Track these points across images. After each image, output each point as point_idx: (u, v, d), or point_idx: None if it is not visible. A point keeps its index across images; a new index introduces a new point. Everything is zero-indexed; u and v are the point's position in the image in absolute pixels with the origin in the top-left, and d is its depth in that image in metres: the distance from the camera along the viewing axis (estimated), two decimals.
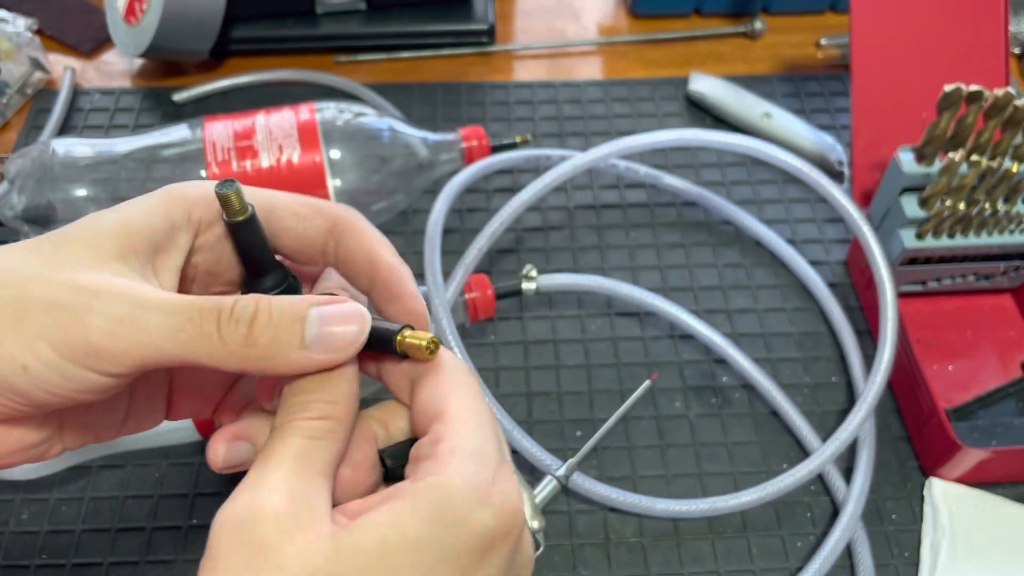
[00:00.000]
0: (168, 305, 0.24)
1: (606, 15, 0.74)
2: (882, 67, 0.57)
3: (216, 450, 0.28)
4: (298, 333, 0.25)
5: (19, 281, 0.24)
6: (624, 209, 0.61)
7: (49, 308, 0.24)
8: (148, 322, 0.24)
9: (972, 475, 0.48)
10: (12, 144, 0.63)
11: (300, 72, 0.67)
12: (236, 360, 0.25)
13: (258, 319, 0.25)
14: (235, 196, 0.27)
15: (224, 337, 0.24)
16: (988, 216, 0.50)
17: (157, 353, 0.24)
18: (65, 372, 0.24)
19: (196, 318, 0.24)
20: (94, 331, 0.23)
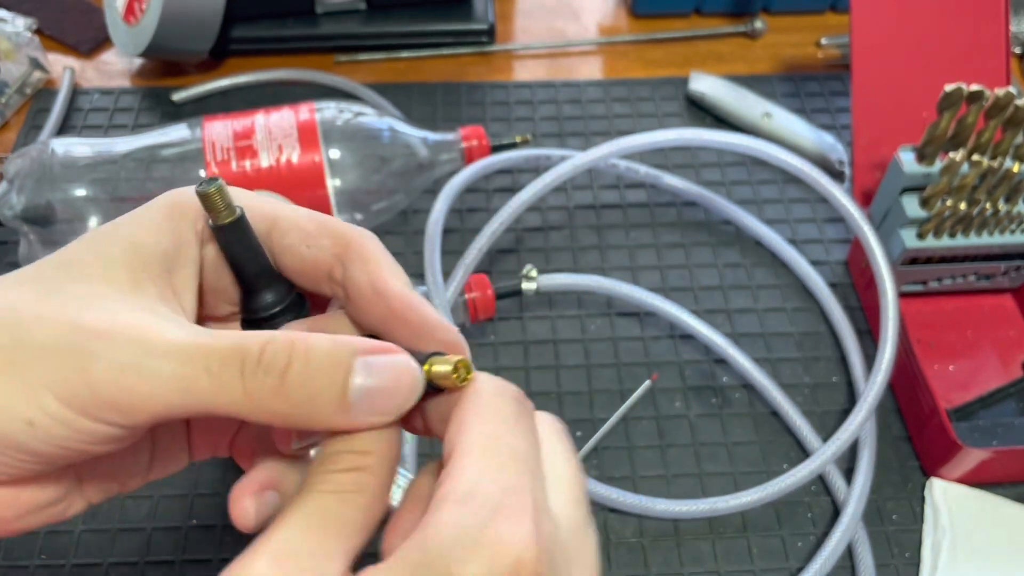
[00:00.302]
0: (181, 351, 0.21)
1: (606, 15, 0.74)
2: (882, 67, 0.56)
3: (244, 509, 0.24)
4: (339, 388, 0.22)
5: (16, 322, 0.21)
6: (624, 209, 0.61)
7: (51, 354, 0.21)
8: (159, 371, 0.21)
9: (973, 475, 0.47)
10: (11, 144, 0.63)
11: (300, 72, 0.67)
12: (263, 415, 0.22)
13: (292, 368, 0.21)
14: (217, 194, 0.24)
15: (249, 389, 0.21)
16: (989, 216, 0.50)
17: (168, 408, 0.21)
18: (75, 425, 0.21)
19: (215, 367, 0.21)
20: (99, 381, 0.21)
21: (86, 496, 0.25)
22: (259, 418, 0.22)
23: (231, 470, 0.47)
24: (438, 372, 0.23)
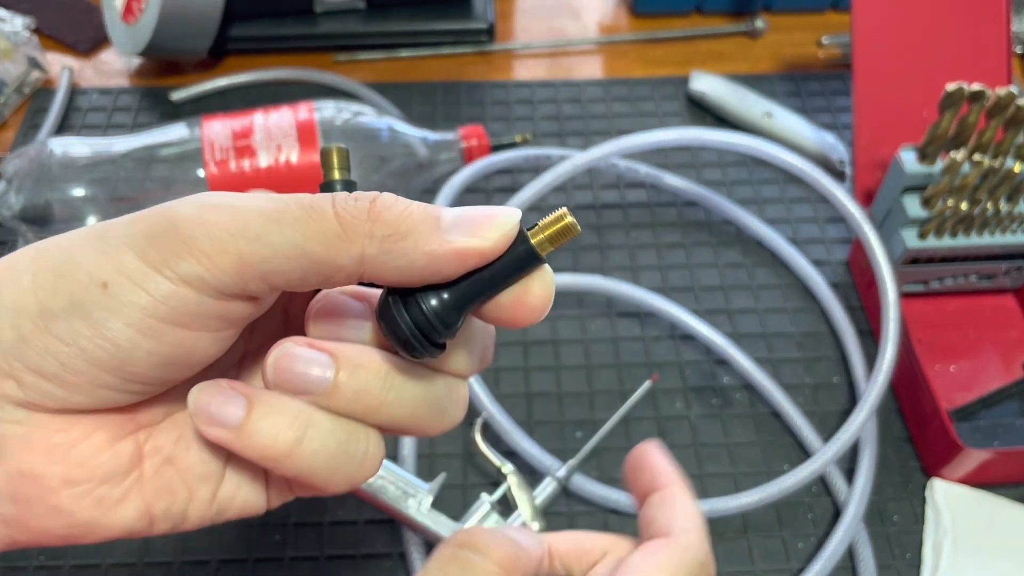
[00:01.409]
0: (271, 194, 0.21)
1: (606, 14, 0.74)
2: (884, 66, 0.56)
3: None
4: (432, 216, 0.21)
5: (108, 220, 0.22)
6: (624, 209, 0.60)
7: (135, 217, 0.21)
8: (247, 206, 0.20)
9: (974, 476, 0.47)
10: (9, 144, 0.62)
11: (299, 71, 0.66)
12: (356, 242, 0.20)
13: (382, 197, 0.21)
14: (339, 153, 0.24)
15: (342, 214, 0.20)
16: (990, 216, 0.49)
17: (257, 243, 0.20)
18: (151, 285, 0.20)
19: (306, 201, 0.21)
20: (184, 222, 0.20)
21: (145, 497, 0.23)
22: (352, 249, 0.20)
23: None
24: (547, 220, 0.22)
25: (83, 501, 0.22)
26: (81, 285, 0.20)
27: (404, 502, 0.42)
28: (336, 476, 0.23)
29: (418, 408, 0.24)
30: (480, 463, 0.49)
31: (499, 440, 0.47)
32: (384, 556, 0.45)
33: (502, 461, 0.45)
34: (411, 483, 0.43)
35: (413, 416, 0.24)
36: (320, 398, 0.22)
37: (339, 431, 0.23)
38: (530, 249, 0.22)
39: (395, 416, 0.23)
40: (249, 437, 0.22)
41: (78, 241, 0.21)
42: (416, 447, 0.48)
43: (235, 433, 0.22)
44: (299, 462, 0.22)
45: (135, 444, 0.23)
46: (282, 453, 0.22)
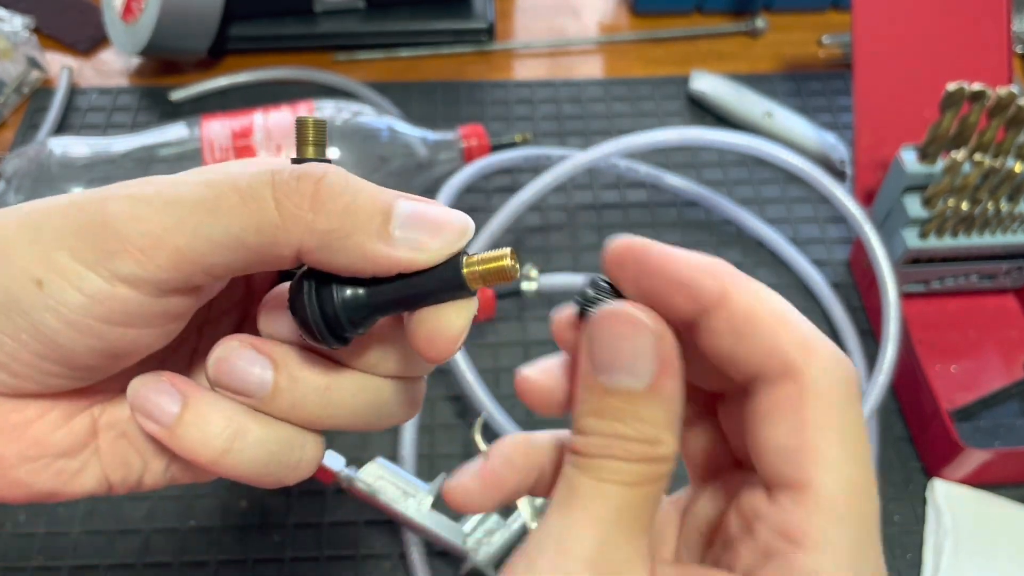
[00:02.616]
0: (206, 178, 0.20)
1: (607, 13, 0.74)
2: (884, 66, 0.56)
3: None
4: (381, 211, 0.19)
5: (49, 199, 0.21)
6: (625, 209, 0.60)
7: (69, 209, 0.20)
8: (180, 197, 0.19)
9: (975, 476, 0.47)
10: (9, 143, 0.62)
11: (298, 71, 0.66)
12: (295, 233, 0.19)
13: (328, 177, 0.19)
14: (315, 127, 0.22)
15: (282, 199, 0.19)
16: (991, 216, 0.49)
17: (194, 236, 0.19)
18: (85, 285, 0.19)
19: (243, 183, 0.19)
20: (115, 218, 0.19)
21: (103, 468, 0.23)
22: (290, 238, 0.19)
23: None
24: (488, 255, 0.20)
25: (42, 475, 0.22)
26: (17, 282, 0.20)
27: (404, 502, 0.42)
28: (267, 480, 0.23)
29: (358, 412, 0.23)
30: None
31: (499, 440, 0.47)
32: (384, 557, 0.45)
33: None
34: (411, 483, 0.43)
35: (353, 420, 0.23)
36: (257, 402, 0.22)
37: (273, 438, 0.22)
38: (459, 278, 0.20)
39: (335, 421, 0.23)
40: (180, 438, 0.21)
41: (14, 230, 0.20)
42: (416, 447, 0.47)
43: (167, 431, 0.22)
44: (228, 467, 0.22)
45: (90, 419, 0.23)
46: (211, 458, 0.21)
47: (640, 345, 0.19)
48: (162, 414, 0.22)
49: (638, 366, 0.19)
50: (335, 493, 0.47)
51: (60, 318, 0.20)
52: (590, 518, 0.19)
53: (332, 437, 0.47)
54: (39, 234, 0.20)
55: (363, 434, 0.49)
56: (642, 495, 0.20)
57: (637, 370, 0.19)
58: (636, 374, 0.19)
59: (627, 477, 0.19)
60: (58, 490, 0.22)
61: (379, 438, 0.49)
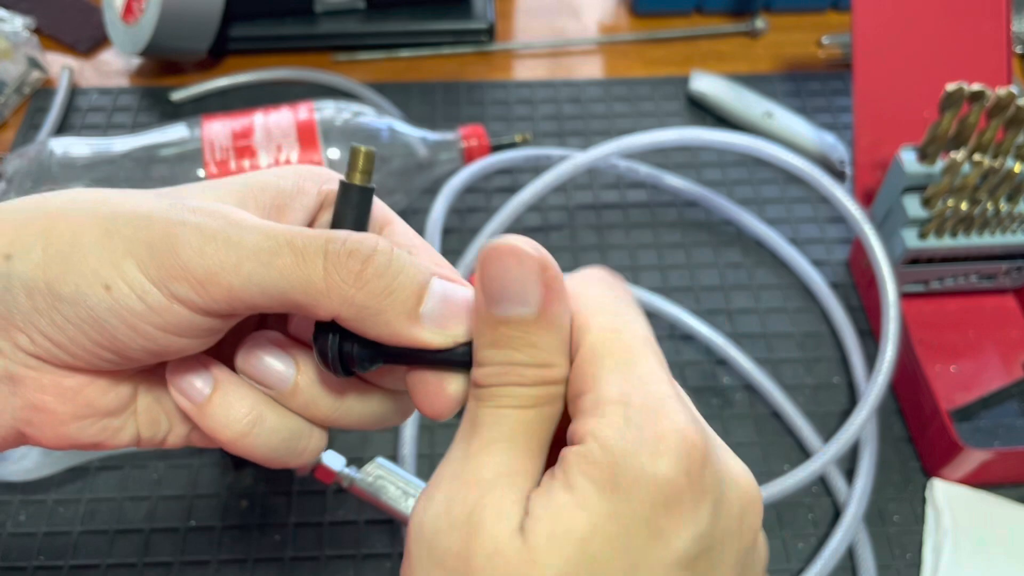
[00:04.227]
0: (269, 229, 0.21)
1: (607, 14, 0.74)
2: (884, 66, 0.56)
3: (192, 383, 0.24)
4: (415, 295, 0.22)
5: (119, 201, 0.22)
6: (624, 209, 0.60)
7: (141, 221, 0.21)
8: (242, 241, 0.21)
9: (974, 476, 0.47)
10: (9, 143, 0.62)
11: (298, 71, 0.66)
12: (336, 303, 0.21)
13: (376, 258, 0.21)
14: (366, 156, 0.24)
15: (330, 270, 0.21)
16: (990, 216, 0.49)
17: (248, 281, 0.21)
18: (149, 298, 0.21)
19: (299, 244, 0.21)
20: (183, 246, 0.21)
21: (138, 426, 0.25)
22: (331, 306, 0.21)
23: (229, 472, 0.47)
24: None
25: (89, 430, 0.24)
26: (87, 281, 0.21)
27: (404, 502, 0.42)
28: (275, 461, 0.25)
29: (363, 418, 0.26)
30: None
31: None
32: (384, 556, 0.45)
33: None
34: (411, 483, 0.43)
35: (357, 423, 0.26)
36: (277, 394, 0.25)
37: (286, 427, 0.25)
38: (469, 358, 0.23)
39: (341, 422, 0.26)
40: (207, 416, 0.24)
41: (87, 228, 0.22)
42: (416, 447, 0.47)
43: (197, 408, 0.24)
44: (244, 446, 0.24)
45: (133, 385, 0.25)
46: (231, 438, 0.24)
47: (526, 274, 0.21)
48: (195, 393, 0.24)
49: (527, 294, 0.21)
50: (335, 493, 0.47)
51: (122, 320, 0.22)
52: (487, 443, 0.21)
53: (333, 437, 0.47)
54: (110, 239, 0.21)
55: (363, 434, 0.49)
56: (538, 416, 0.21)
57: (526, 298, 0.21)
58: (526, 302, 0.21)
59: (523, 401, 0.21)
60: (101, 443, 0.25)
61: (379, 438, 0.49)
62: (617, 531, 0.19)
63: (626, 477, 0.19)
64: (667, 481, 0.19)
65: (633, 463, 0.19)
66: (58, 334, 0.22)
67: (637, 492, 0.19)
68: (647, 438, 0.19)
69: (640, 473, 0.19)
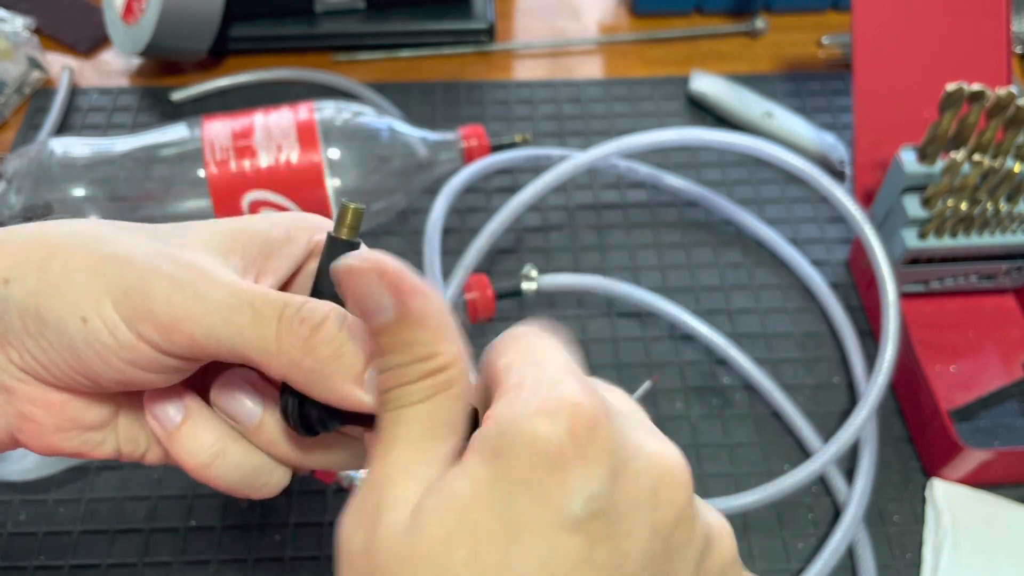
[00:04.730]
0: (235, 287, 0.23)
1: (606, 14, 0.74)
2: (884, 66, 0.56)
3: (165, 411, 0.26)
4: (361, 362, 0.23)
5: (112, 239, 0.24)
6: (624, 209, 0.60)
7: (123, 265, 0.23)
8: (209, 296, 0.23)
9: (974, 476, 0.47)
10: (10, 143, 0.62)
11: (299, 71, 0.66)
12: (284, 365, 0.23)
13: (325, 327, 0.23)
14: (354, 212, 0.25)
15: (282, 333, 0.23)
16: (990, 216, 0.49)
17: (207, 334, 0.23)
18: (119, 334, 0.23)
19: (259, 305, 0.23)
20: (154, 293, 0.23)
21: (118, 442, 0.27)
22: (280, 367, 0.23)
23: None
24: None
25: (72, 442, 0.26)
26: (69, 312, 0.23)
27: None
28: (236, 492, 0.27)
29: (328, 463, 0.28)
30: None
31: None
32: None
33: None
34: None
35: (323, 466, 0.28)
36: (244, 429, 0.26)
37: (249, 463, 0.26)
38: None
39: (305, 464, 0.27)
40: (176, 443, 0.26)
41: (78, 264, 0.24)
42: None
43: (167, 435, 0.26)
44: (207, 475, 0.26)
45: (114, 406, 0.27)
46: (194, 466, 0.26)
47: (369, 285, 0.22)
48: (167, 420, 0.26)
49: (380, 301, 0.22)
50: (336, 493, 0.47)
51: (94, 351, 0.23)
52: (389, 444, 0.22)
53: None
54: (95, 278, 0.23)
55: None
56: (435, 406, 0.22)
57: (381, 305, 0.22)
58: (381, 309, 0.22)
59: (414, 397, 0.22)
60: (83, 453, 0.27)
61: None
62: (498, 495, 0.19)
63: (507, 442, 0.19)
64: (547, 442, 0.18)
65: (514, 428, 0.19)
66: (43, 355, 0.24)
67: (517, 455, 0.19)
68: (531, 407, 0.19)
69: (520, 436, 0.19)
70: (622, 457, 0.19)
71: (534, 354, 0.22)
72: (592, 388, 0.20)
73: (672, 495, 0.20)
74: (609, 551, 0.18)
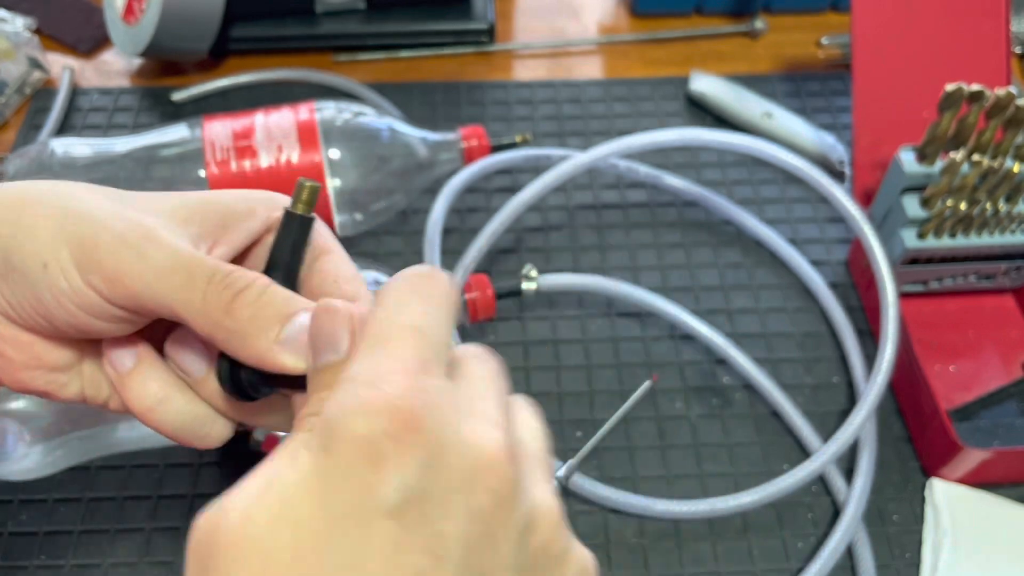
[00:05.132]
0: (175, 251, 0.26)
1: (606, 14, 0.74)
2: (883, 66, 0.56)
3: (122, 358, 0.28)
4: (278, 324, 0.25)
5: (82, 199, 0.27)
6: (624, 209, 0.61)
7: (84, 220, 0.26)
8: (149, 256, 0.25)
9: (974, 476, 0.47)
10: (11, 144, 0.62)
11: (299, 71, 0.67)
12: (208, 324, 0.25)
13: (248, 292, 0.25)
14: (310, 191, 0.27)
15: (208, 296, 0.25)
16: (989, 216, 0.50)
17: (145, 289, 0.25)
18: (71, 280, 0.25)
19: (192, 269, 0.25)
20: (103, 246, 0.25)
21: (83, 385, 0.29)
22: (205, 326, 0.25)
23: (231, 476, 0.47)
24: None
25: (38, 380, 0.28)
26: (32, 259, 0.26)
27: None
28: (180, 439, 0.29)
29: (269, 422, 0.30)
30: None
31: None
32: None
33: None
34: None
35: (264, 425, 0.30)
36: (192, 382, 0.28)
37: (191, 412, 0.28)
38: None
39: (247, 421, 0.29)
40: (126, 387, 0.28)
41: (50, 219, 0.26)
42: None
43: (119, 378, 0.28)
44: (152, 419, 0.28)
45: (78, 351, 0.29)
46: (140, 410, 0.28)
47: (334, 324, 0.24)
48: (120, 365, 0.28)
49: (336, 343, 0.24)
50: None
51: (52, 295, 0.26)
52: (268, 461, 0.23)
53: None
54: (60, 230, 0.26)
55: None
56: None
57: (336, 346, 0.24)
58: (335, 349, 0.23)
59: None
60: (49, 393, 0.29)
61: None
62: (321, 485, 0.20)
63: (332, 437, 0.20)
64: (367, 439, 0.20)
65: (338, 424, 0.20)
66: (12, 297, 0.26)
67: (339, 449, 0.20)
68: (356, 404, 0.21)
69: (342, 432, 0.20)
70: (439, 449, 0.21)
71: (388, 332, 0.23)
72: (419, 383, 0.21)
73: (488, 481, 0.21)
74: (426, 534, 0.20)
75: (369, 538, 0.20)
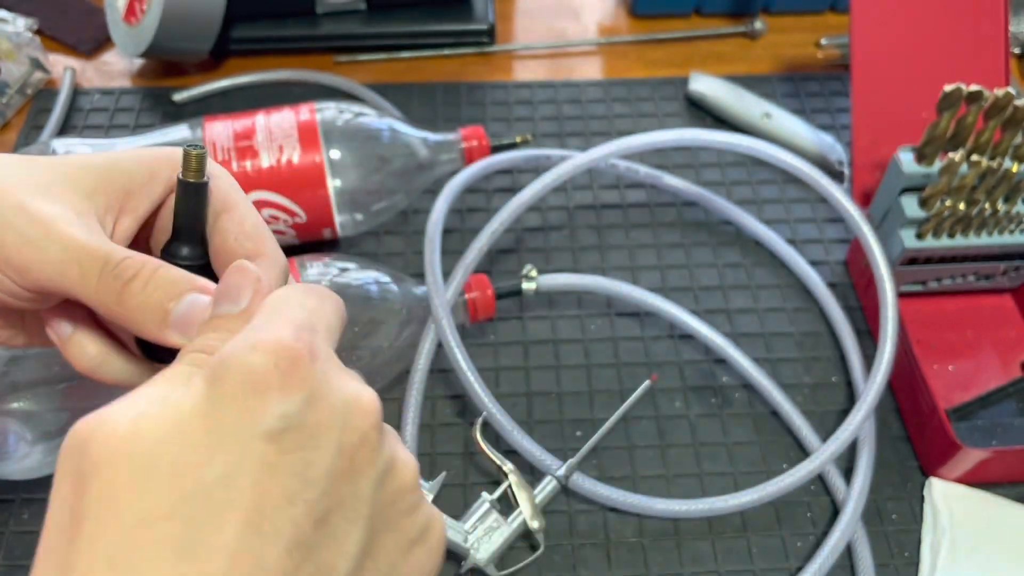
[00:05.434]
0: (70, 244, 0.27)
1: (606, 15, 0.74)
2: (882, 67, 0.57)
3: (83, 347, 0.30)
4: (165, 310, 0.27)
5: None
6: (624, 209, 0.61)
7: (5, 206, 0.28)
8: (47, 252, 0.27)
9: (972, 475, 0.48)
10: (12, 144, 0.63)
11: (300, 72, 0.67)
12: (106, 310, 0.27)
13: (135, 281, 0.27)
14: (196, 158, 0.28)
15: (99, 287, 0.27)
16: (988, 216, 0.50)
17: (48, 281, 0.27)
18: None
19: (84, 262, 0.27)
20: (9, 245, 0.27)
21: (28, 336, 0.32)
22: (105, 313, 0.27)
23: None
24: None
25: None
26: None
27: None
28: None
29: None
30: (481, 462, 0.49)
31: (499, 439, 0.47)
32: None
33: (502, 460, 0.45)
34: None
35: None
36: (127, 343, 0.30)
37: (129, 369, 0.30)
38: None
39: None
40: (66, 350, 0.30)
41: None
42: (417, 446, 0.48)
43: (61, 342, 0.30)
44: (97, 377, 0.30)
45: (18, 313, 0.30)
46: (84, 369, 0.30)
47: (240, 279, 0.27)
48: (60, 331, 0.30)
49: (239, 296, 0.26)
50: None
51: None
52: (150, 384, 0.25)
53: None
54: None
55: None
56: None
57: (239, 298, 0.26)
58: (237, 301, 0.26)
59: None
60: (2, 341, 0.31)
61: None
62: (209, 409, 0.22)
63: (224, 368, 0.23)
64: (257, 371, 0.22)
65: (232, 358, 0.23)
66: None
67: (230, 378, 0.22)
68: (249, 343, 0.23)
69: (234, 363, 0.23)
70: (319, 390, 0.23)
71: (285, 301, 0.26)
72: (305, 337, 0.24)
73: (359, 423, 0.24)
74: (297, 460, 0.22)
75: (246, 457, 0.21)
